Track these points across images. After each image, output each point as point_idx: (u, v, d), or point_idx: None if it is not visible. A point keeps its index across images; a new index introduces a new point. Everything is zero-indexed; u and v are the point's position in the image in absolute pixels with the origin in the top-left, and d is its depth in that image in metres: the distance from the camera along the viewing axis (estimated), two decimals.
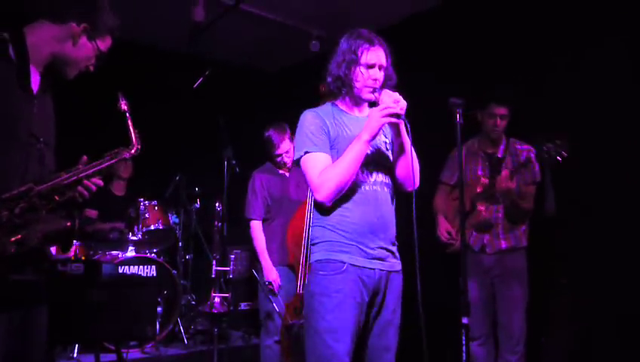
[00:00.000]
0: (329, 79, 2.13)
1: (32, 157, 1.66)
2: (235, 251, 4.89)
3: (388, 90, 2.03)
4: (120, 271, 3.96)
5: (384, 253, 2.06)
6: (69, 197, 1.66)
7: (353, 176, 1.99)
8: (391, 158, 2.16)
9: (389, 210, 2.11)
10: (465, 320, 2.12)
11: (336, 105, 2.19)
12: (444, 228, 3.37)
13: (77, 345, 3.66)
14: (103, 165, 1.75)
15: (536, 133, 3.22)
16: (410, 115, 1.98)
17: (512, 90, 3.25)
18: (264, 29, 5.00)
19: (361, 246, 2.00)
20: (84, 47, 1.75)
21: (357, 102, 2.18)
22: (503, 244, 3.22)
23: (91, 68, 1.83)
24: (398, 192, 2.18)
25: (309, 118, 2.12)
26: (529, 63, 3.69)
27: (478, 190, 3.24)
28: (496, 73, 3.79)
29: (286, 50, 5.55)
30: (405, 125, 2.01)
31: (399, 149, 2.11)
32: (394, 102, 1.97)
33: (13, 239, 1.51)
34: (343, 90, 2.12)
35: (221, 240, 4.67)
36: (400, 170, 2.14)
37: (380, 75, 2.08)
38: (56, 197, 1.63)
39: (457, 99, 2.14)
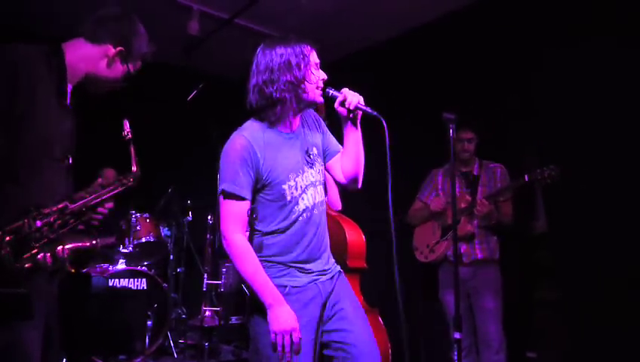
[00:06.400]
0: (270, 88, 1.92)
1: (62, 175, 1.72)
2: (226, 264, 4.86)
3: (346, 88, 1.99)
4: (110, 284, 3.93)
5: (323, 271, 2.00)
6: (89, 217, 1.72)
7: None
8: (322, 174, 2.07)
9: (322, 229, 2.04)
10: (457, 335, 2.12)
11: (266, 124, 1.99)
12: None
13: (65, 359, 3.61)
14: (118, 189, 1.81)
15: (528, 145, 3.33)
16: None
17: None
18: (258, 43, 5.01)
19: (300, 270, 1.95)
20: (117, 68, 1.83)
21: (299, 110, 2.02)
22: (479, 255, 3.40)
23: (118, 87, 1.91)
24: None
25: (237, 147, 1.92)
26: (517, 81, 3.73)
27: (462, 205, 3.45)
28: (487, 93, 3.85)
29: None
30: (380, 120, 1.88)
31: (351, 145, 2.05)
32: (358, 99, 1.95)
33: (50, 253, 1.56)
34: (288, 97, 1.93)
35: (212, 254, 4.65)
36: (348, 168, 2.08)
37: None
38: (83, 217, 1.69)
39: (450, 114, 2.15)
